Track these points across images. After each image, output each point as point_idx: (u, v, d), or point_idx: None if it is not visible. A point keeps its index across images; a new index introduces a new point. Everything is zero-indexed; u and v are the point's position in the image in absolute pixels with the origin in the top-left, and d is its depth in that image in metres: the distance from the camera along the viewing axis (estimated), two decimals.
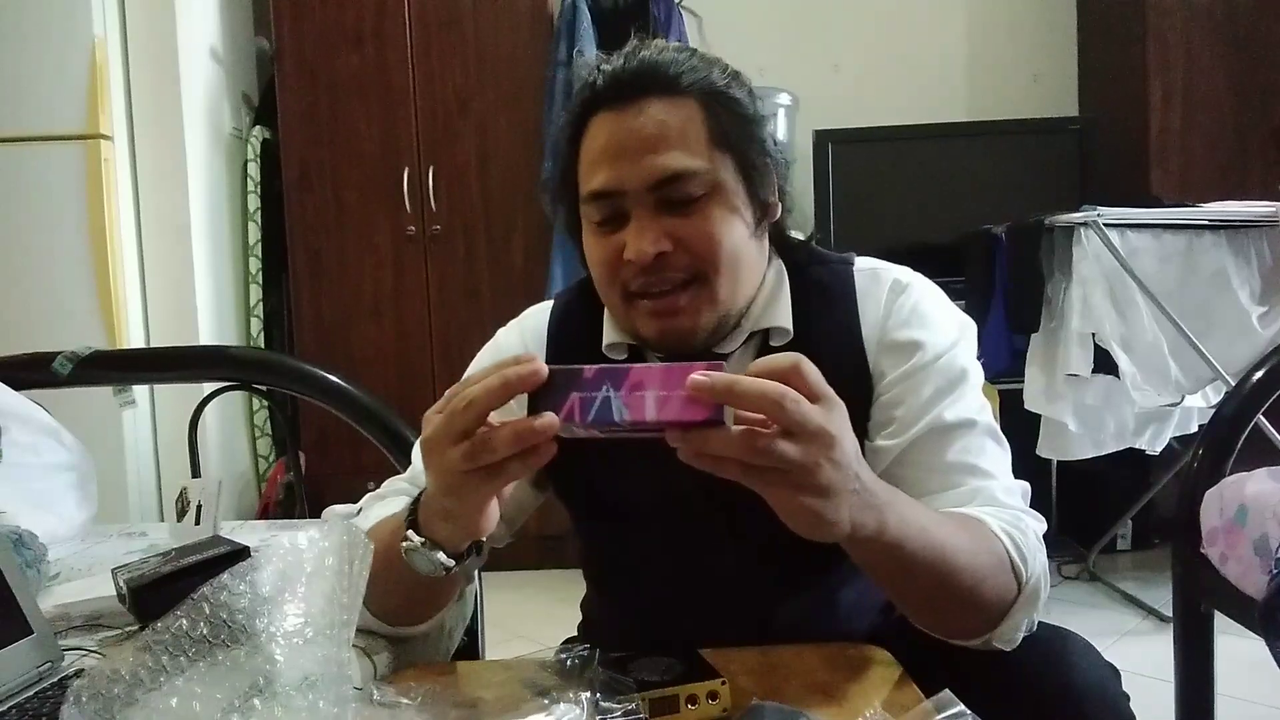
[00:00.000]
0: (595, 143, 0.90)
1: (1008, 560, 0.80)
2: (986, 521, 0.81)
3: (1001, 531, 0.81)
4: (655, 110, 0.87)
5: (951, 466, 0.86)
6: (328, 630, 0.61)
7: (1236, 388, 1.59)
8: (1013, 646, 0.81)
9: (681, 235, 0.87)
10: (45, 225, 2.61)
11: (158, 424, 2.85)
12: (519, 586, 2.67)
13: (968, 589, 0.77)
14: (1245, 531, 1.32)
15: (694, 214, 0.87)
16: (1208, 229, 2.30)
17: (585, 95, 0.92)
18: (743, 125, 0.90)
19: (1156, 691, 1.60)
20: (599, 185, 0.88)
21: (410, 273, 3.07)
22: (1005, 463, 0.89)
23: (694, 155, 0.87)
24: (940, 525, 0.77)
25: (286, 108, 3.04)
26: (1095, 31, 3.24)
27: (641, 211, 0.87)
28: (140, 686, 0.57)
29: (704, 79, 0.89)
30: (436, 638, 1.02)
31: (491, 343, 1.06)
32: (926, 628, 0.83)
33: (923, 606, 0.82)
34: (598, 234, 0.91)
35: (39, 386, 1.55)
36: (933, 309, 0.93)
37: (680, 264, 0.87)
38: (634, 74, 0.88)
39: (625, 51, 0.91)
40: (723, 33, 3.29)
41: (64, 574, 1.20)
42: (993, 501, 0.85)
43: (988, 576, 0.78)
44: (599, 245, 0.91)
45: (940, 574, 0.75)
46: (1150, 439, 2.43)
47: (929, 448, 0.87)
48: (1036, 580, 0.81)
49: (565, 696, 0.70)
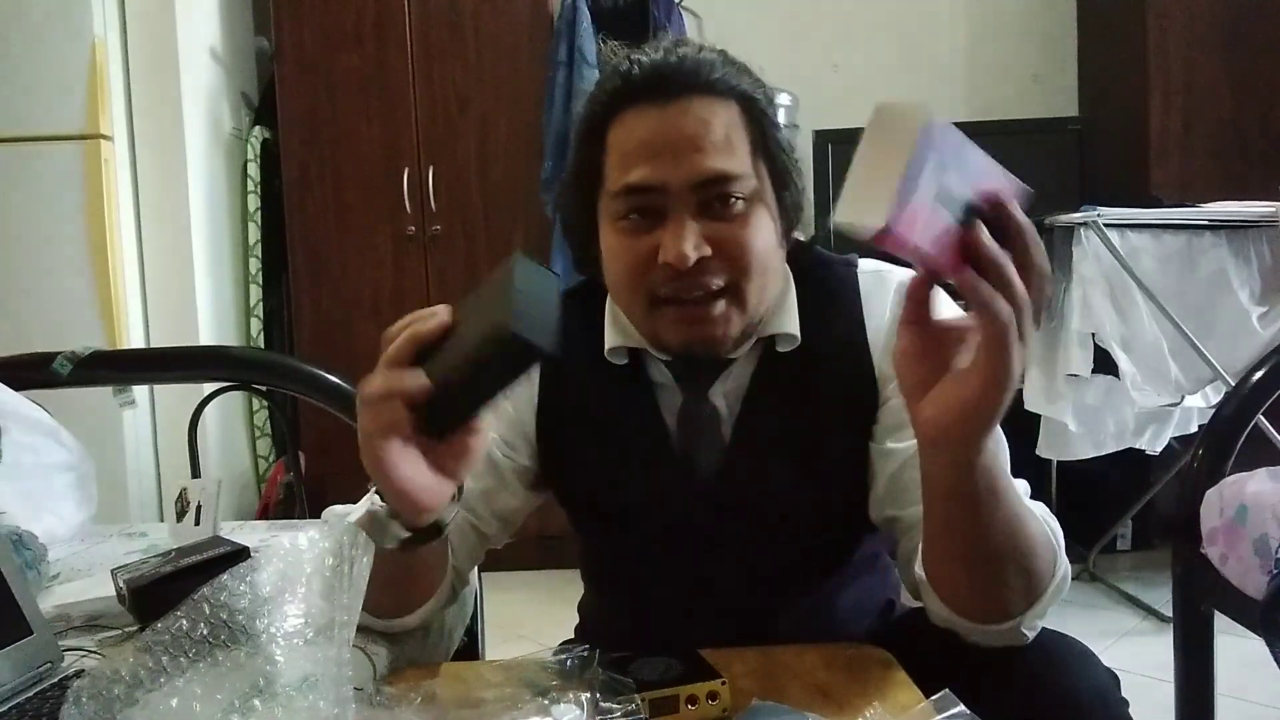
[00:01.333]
0: (632, 135, 0.86)
1: (1053, 541, 0.79)
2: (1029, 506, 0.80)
3: (1043, 514, 0.80)
4: (700, 109, 0.85)
5: None
6: (328, 631, 0.61)
7: (1236, 388, 1.59)
8: (1026, 640, 0.80)
9: (721, 241, 0.84)
10: (45, 225, 2.61)
11: (158, 424, 2.85)
12: (519, 586, 2.67)
13: (1026, 554, 0.75)
14: (1245, 531, 1.32)
15: (734, 219, 0.85)
16: (1208, 229, 2.30)
17: (616, 85, 0.87)
18: (776, 134, 0.89)
19: (1156, 691, 1.60)
20: (637, 180, 0.85)
21: (410, 273, 3.06)
22: (1006, 460, 0.88)
23: (738, 159, 0.85)
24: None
25: (286, 108, 3.04)
26: (1095, 31, 3.24)
27: (681, 212, 0.84)
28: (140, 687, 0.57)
29: (743, 84, 0.87)
30: (436, 638, 1.02)
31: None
32: (965, 603, 0.79)
33: (984, 567, 0.77)
34: (624, 233, 0.87)
35: (39, 386, 1.55)
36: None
37: (717, 270, 0.85)
38: (677, 69, 0.85)
39: (664, 45, 0.88)
40: (723, 33, 3.29)
41: (64, 574, 1.20)
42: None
43: (1039, 548, 0.77)
44: (625, 244, 0.87)
45: (1013, 529, 0.74)
46: (1150, 439, 2.43)
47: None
48: (1065, 572, 0.80)
49: (565, 696, 0.70)
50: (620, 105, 0.87)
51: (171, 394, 2.80)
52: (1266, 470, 1.41)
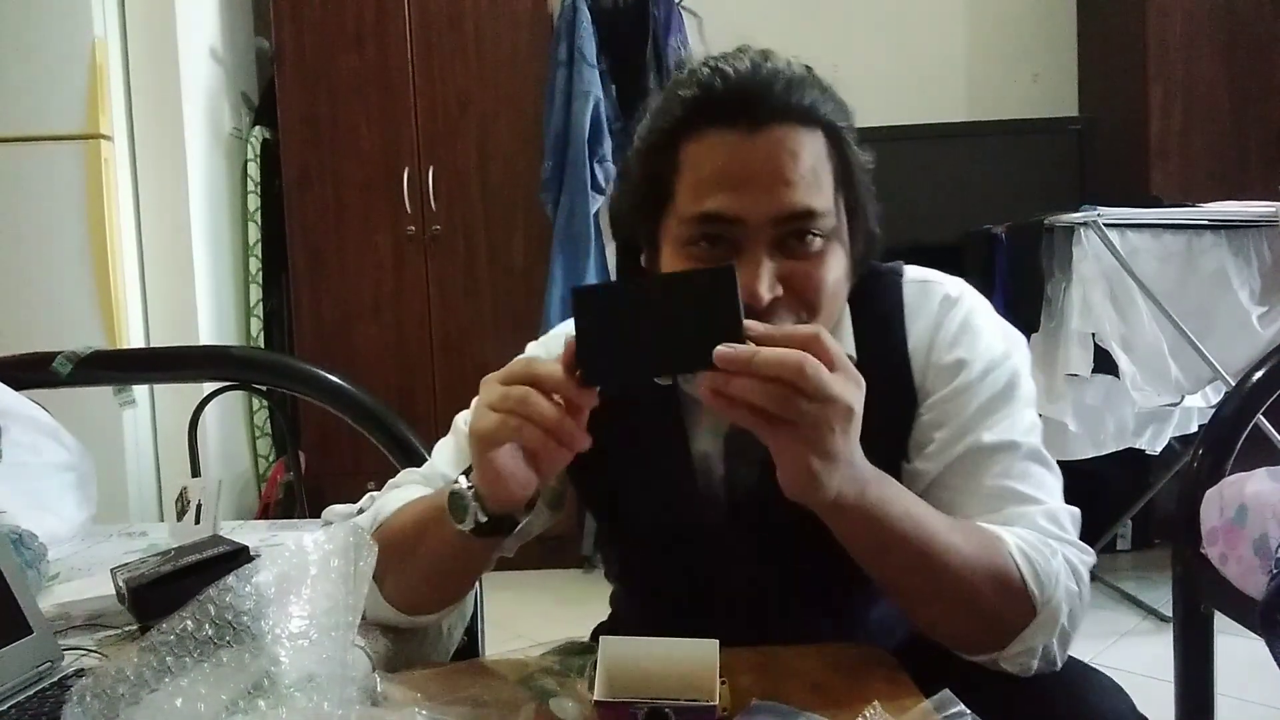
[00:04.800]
0: (712, 159, 0.81)
1: (1016, 578, 0.77)
2: (1004, 539, 0.79)
3: (1017, 550, 0.78)
4: (788, 139, 0.80)
5: (989, 491, 0.83)
6: (332, 631, 0.61)
7: (1236, 388, 1.59)
8: (1025, 673, 0.79)
9: (795, 279, 0.81)
10: (45, 225, 2.61)
11: (158, 424, 2.85)
12: (519, 586, 2.67)
13: (958, 591, 0.76)
14: (1245, 531, 1.32)
15: (812, 257, 0.81)
16: (1208, 229, 2.30)
17: (695, 95, 0.82)
18: (858, 164, 0.85)
19: (1156, 691, 1.60)
20: (714, 209, 0.80)
21: (410, 273, 3.06)
22: (1050, 486, 0.86)
23: (824, 195, 0.81)
24: (934, 520, 0.76)
25: (286, 108, 3.04)
26: (1095, 31, 3.24)
27: (758, 247, 0.79)
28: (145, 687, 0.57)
29: (829, 112, 0.83)
30: (436, 637, 1.02)
31: (521, 358, 1.03)
32: (928, 630, 0.82)
33: (911, 599, 0.81)
34: (692, 260, 0.82)
35: (39, 386, 1.55)
36: (982, 326, 0.90)
37: (786, 309, 0.81)
38: (767, 90, 0.80)
39: (751, 57, 0.83)
40: (723, 33, 3.29)
41: (64, 574, 1.20)
42: (1032, 527, 0.81)
43: (984, 586, 0.76)
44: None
45: (924, 565, 0.75)
46: (1150, 439, 2.43)
47: (965, 471, 0.84)
48: (1056, 606, 0.77)
49: (565, 696, 0.70)
50: (699, 122, 0.82)
51: (171, 394, 2.80)
52: (1266, 470, 1.41)
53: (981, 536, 0.79)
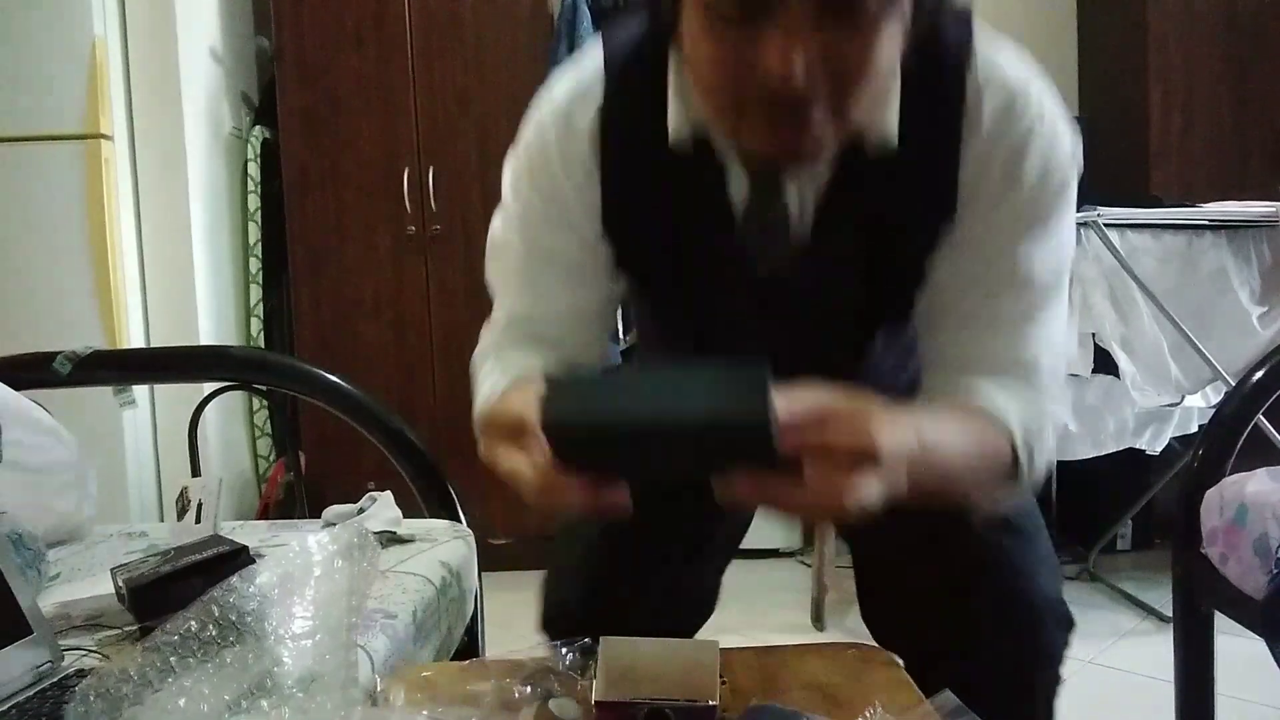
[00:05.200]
0: None
1: (1014, 467, 0.80)
2: (1010, 428, 0.79)
3: (1021, 442, 0.80)
4: None
5: (1001, 322, 0.82)
6: (335, 632, 0.61)
7: (1236, 388, 1.59)
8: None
9: (840, 57, 0.67)
10: (45, 225, 2.61)
11: (158, 424, 2.84)
12: (519, 586, 2.66)
13: (964, 494, 0.80)
14: (1245, 531, 1.32)
15: (863, 30, 0.67)
16: (1208, 229, 2.30)
17: None
18: None
19: (1156, 691, 1.60)
20: None
21: (410, 273, 3.06)
22: (1057, 323, 0.84)
23: None
24: (959, 461, 0.76)
25: (286, 108, 3.04)
26: (1095, 31, 3.24)
27: (797, 14, 0.65)
28: (148, 686, 0.57)
29: None
30: (436, 638, 1.02)
31: (528, 168, 0.92)
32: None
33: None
34: (716, 35, 0.69)
35: (39, 386, 1.55)
36: (1047, 136, 0.81)
37: (826, 91, 0.68)
38: None
39: None
40: None
41: (64, 574, 1.20)
42: (1035, 385, 0.82)
43: (983, 484, 0.80)
44: (717, 49, 0.69)
45: (942, 495, 0.76)
46: (1150, 439, 2.43)
47: (988, 287, 0.82)
48: (1037, 477, 0.82)
49: (565, 696, 0.70)
50: None
51: (171, 394, 2.80)
52: (1266, 470, 1.41)
53: (990, 437, 0.80)
